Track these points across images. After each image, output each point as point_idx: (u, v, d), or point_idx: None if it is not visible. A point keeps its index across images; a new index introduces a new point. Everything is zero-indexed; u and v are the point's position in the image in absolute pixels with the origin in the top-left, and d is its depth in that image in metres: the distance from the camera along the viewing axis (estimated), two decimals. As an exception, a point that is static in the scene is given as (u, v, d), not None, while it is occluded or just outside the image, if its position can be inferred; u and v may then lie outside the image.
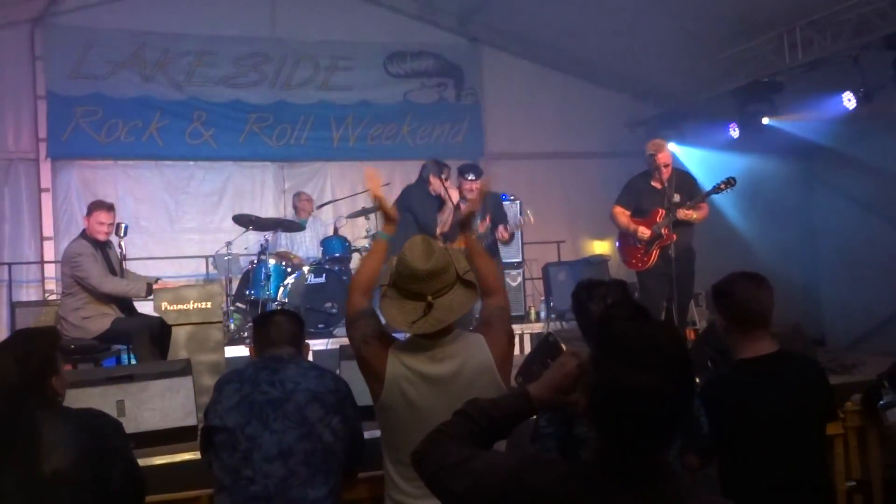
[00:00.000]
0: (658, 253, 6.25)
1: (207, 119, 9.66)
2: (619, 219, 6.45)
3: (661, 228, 6.18)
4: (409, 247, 2.62)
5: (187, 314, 5.13)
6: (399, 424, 2.57)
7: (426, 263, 2.57)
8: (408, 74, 10.48)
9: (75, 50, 9.17)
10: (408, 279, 2.58)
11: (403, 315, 2.58)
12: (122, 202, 9.23)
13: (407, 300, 2.60)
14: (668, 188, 6.26)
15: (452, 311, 2.59)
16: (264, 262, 7.67)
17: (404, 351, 2.65)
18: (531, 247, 9.36)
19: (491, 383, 2.59)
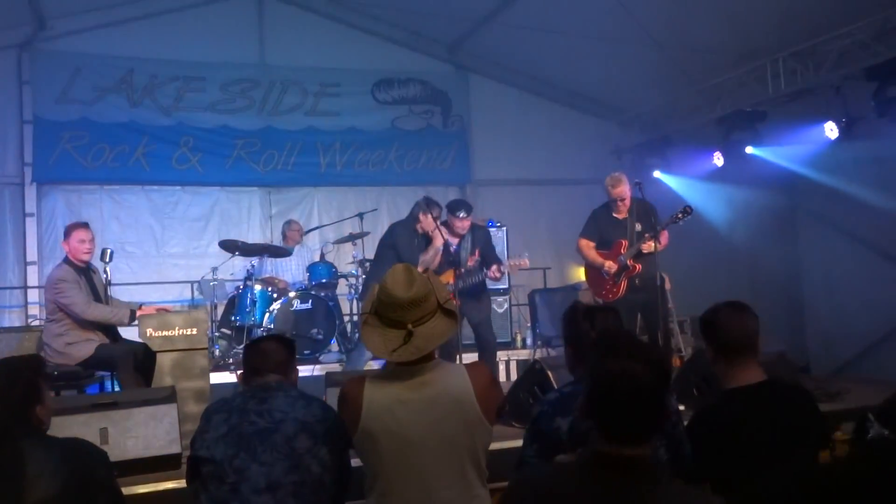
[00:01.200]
0: (626, 283, 6.38)
1: (194, 144, 9.67)
2: (585, 252, 6.65)
3: (626, 259, 6.33)
4: (391, 275, 2.65)
5: (172, 340, 5.11)
6: (379, 453, 2.57)
7: (407, 292, 2.60)
8: (395, 101, 10.54)
9: (63, 75, 9.18)
10: (389, 307, 2.61)
11: (385, 343, 2.60)
12: (107, 227, 9.24)
13: (388, 328, 2.62)
14: (630, 219, 6.41)
15: (433, 340, 2.62)
16: (250, 288, 7.65)
17: (381, 380, 2.66)
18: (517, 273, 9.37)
19: (470, 412, 2.60)
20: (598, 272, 6.54)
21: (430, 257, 6.24)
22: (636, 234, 6.35)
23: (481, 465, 2.66)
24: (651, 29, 8.16)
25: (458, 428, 2.58)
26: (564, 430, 2.70)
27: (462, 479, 2.60)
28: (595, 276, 6.64)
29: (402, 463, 2.55)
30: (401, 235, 6.43)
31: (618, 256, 6.41)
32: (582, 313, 2.92)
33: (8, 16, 8.83)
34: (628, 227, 6.42)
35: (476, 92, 10.83)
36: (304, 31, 10.09)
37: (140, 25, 9.53)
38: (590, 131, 10.92)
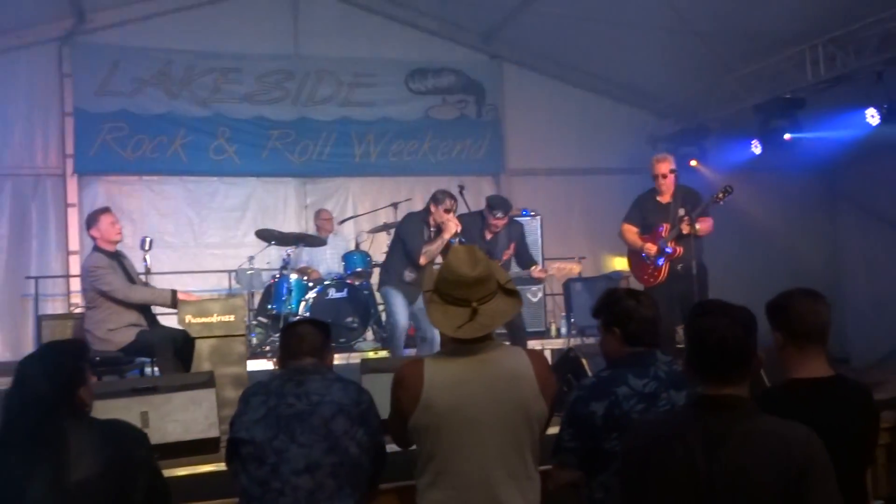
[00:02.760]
0: (668, 268, 6.29)
1: (231, 135, 9.76)
2: (627, 235, 6.58)
3: (666, 243, 6.25)
4: (454, 255, 2.68)
5: (210, 327, 5.17)
6: (438, 430, 2.57)
7: (473, 270, 2.62)
8: (429, 91, 10.54)
9: (102, 67, 9.31)
10: (453, 285, 2.62)
11: (448, 320, 2.62)
12: (146, 217, 9.39)
13: (450, 306, 2.64)
14: (674, 203, 6.32)
15: (497, 317, 2.65)
16: (286, 277, 7.71)
17: (441, 359, 2.69)
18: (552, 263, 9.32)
19: (529, 392, 2.60)
20: (640, 256, 6.48)
21: (435, 248, 6.21)
22: (678, 218, 6.27)
23: (537, 447, 2.67)
24: (687, 16, 8.07)
25: (517, 407, 2.59)
26: (600, 415, 2.69)
27: (519, 458, 2.61)
28: (636, 261, 6.58)
29: (461, 440, 2.56)
30: (408, 225, 6.48)
31: (659, 240, 6.33)
32: (625, 293, 2.92)
33: (49, 10, 8.99)
34: (671, 212, 6.33)
35: (510, 81, 10.79)
36: (338, 21, 10.12)
37: (177, 18, 9.63)
38: (625, 120, 10.84)
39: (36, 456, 2.39)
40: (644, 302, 2.85)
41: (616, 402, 2.70)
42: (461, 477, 2.56)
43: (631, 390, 2.72)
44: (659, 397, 2.72)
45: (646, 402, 2.71)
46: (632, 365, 2.80)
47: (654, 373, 2.77)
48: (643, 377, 2.75)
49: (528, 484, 2.64)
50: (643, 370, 2.77)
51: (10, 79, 9.09)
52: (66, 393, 2.54)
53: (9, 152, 9.11)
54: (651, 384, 2.74)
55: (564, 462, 2.79)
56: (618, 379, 2.76)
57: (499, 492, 2.56)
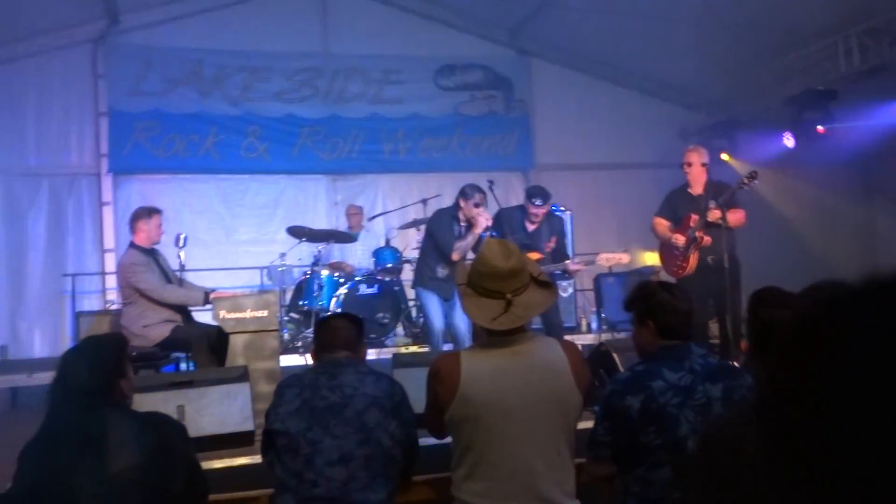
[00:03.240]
0: (697, 258, 6.24)
1: (261, 133, 9.85)
2: (657, 229, 6.56)
3: (694, 232, 6.20)
4: (488, 247, 2.72)
5: (244, 322, 5.21)
6: (476, 421, 2.59)
7: (506, 262, 2.65)
8: (458, 87, 10.56)
9: (135, 68, 9.45)
10: (487, 278, 2.65)
11: (483, 312, 2.64)
12: (179, 215, 9.48)
13: (484, 298, 2.67)
14: (705, 195, 6.29)
15: (531, 308, 2.68)
16: (317, 273, 7.77)
17: (477, 351, 2.72)
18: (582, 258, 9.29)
19: (564, 383, 2.62)
20: (670, 248, 6.46)
21: (467, 244, 6.19)
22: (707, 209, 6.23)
23: (572, 438, 2.68)
24: (717, 8, 8.00)
25: (553, 398, 2.62)
26: (636, 409, 2.69)
27: (555, 450, 2.63)
28: (667, 253, 6.56)
29: (498, 431, 2.58)
30: (438, 221, 6.47)
31: (687, 230, 6.30)
32: (658, 286, 2.91)
33: (83, 11, 9.13)
34: (702, 203, 6.30)
35: (538, 76, 10.78)
36: (367, 19, 10.17)
37: (207, 18, 9.75)
38: (655, 114, 10.77)
39: (78, 447, 2.44)
40: (678, 295, 2.85)
41: (652, 396, 2.69)
42: (498, 468, 2.58)
43: (666, 384, 2.71)
44: (695, 390, 2.72)
45: (682, 396, 2.70)
46: (666, 358, 2.79)
47: (689, 366, 2.76)
48: (678, 370, 2.75)
49: (564, 475, 2.65)
50: (678, 363, 2.76)
51: (45, 80, 9.27)
52: (106, 385, 2.59)
53: (45, 153, 9.29)
54: (686, 377, 2.73)
55: (599, 456, 2.79)
56: (653, 372, 2.75)
57: (536, 483, 2.58)
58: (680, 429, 2.67)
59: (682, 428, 2.67)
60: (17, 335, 8.90)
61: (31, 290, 9.08)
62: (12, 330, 8.92)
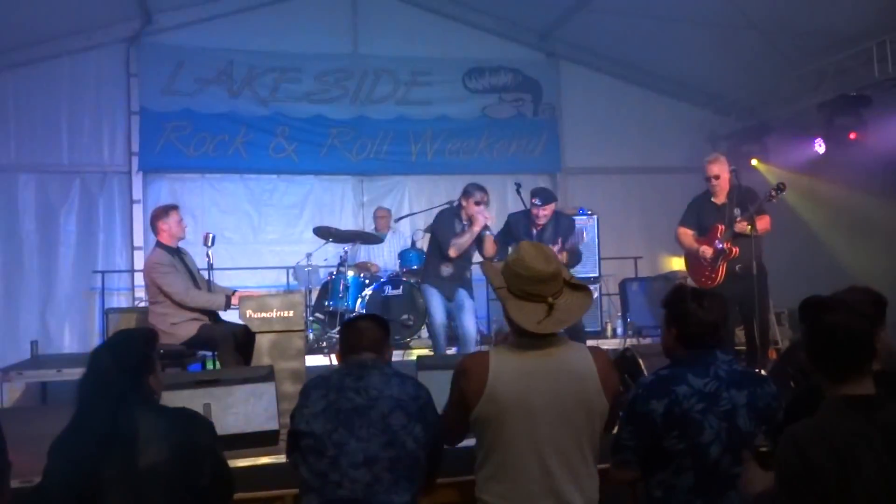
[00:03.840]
0: (725, 269, 6.21)
1: (290, 134, 9.91)
2: (682, 239, 6.54)
3: (722, 243, 6.17)
4: (526, 251, 2.72)
5: (270, 322, 5.24)
6: (501, 422, 2.60)
7: (548, 266, 2.68)
8: (486, 89, 10.56)
9: (167, 67, 9.55)
10: (528, 281, 2.67)
11: (527, 315, 2.66)
12: (207, 213, 9.60)
13: (525, 301, 2.68)
14: (729, 203, 6.24)
15: (572, 312, 2.71)
16: (343, 274, 7.81)
17: (506, 351, 2.73)
18: (608, 262, 9.29)
19: (591, 388, 2.64)
20: (696, 259, 6.42)
21: (463, 241, 6.30)
22: (734, 219, 6.19)
23: (596, 443, 2.69)
24: (749, 11, 7.93)
25: (579, 402, 2.62)
26: (659, 413, 2.69)
27: (579, 454, 2.64)
28: (694, 263, 6.53)
29: (523, 432, 2.60)
30: (440, 220, 6.59)
31: (714, 241, 6.27)
32: (690, 293, 2.90)
33: (118, 11, 9.25)
34: (727, 213, 6.26)
35: (567, 79, 10.75)
36: (396, 20, 10.20)
37: (238, 19, 9.83)
38: (684, 118, 10.72)
39: (107, 442, 2.49)
40: (706, 305, 2.83)
41: (676, 401, 2.69)
42: (522, 469, 2.59)
43: (691, 389, 2.71)
44: (720, 397, 2.71)
45: (706, 402, 2.70)
46: (691, 364, 2.79)
47: (715, 372, 2.76)
48: (703, 376, 2.74)
49: (587, 480, 2.66)
50: (703, 369, 2.76)
51: (79, 79, 9.40)
52: (135, 380, 2.64)
53: (78, 150, 9.42)
54: (711, 383, 2.73)
55: (623, 460, 2.79)
56: (678, 377, 2.75)
57: (558, 486, 2.59)
58: (703, 435, 2.67)
59: (705, 434, 2.67)
60: (47, 331, 9.02)
61: (62, 287, 9.20)
62: (43, 325, 9.05)
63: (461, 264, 6.52)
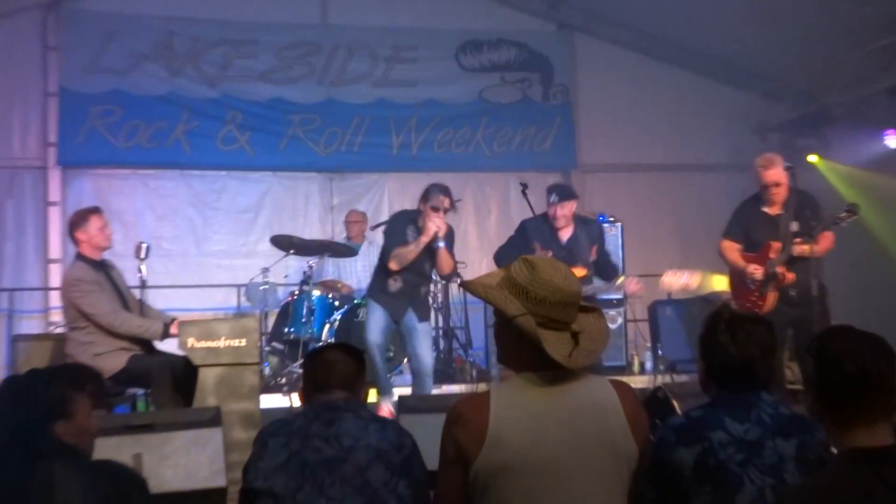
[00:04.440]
0: (776, 296, 6.19)
1: (243, 121, 9.92)
2: (727, 254, 6.52)
3: (775, 266, 6.11)
4: (544, 268, 2.64)
5: (217, 353, 5.22)
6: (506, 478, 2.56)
7: (573, 283, 2.64)
8: (484, 68, 10.59)
9: (93, 40, 9.55)
10: (554, 306, 2.61)
11: (555, 348, 2.60)
12: (140, 218, 9.58)
13: (548, 330, 2.62)
14: (785, 214, 6.22)
15: (598, 340, 2.68)
16: (307, 294, 7.77)
17: (510, 390, 2.66)
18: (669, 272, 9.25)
19: (619, 429, 2.57)
20: (743, 279, 6.40)
21: (408, 251, 6.26)
22: (791, 235, 6.17)
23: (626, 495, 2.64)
24: (807, -25, 7.99)
25: (603, 446, 2.57)
26: (689, 464, 2.66)
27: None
28: (739, 284, 6.50)
29: (538, 485, 2.54)
30: (392, 223, 6.63)
31: (766, 261, 6.25)
32: (725, 321, 2.88)
33: (32, -30, 9.25)
34: (781, 226, 6.24)
35: (584, 56, 10.81)
36: (375, -16, 10.26)
37: (181, -20, 9.86)
38: (726, 105, 10.78)
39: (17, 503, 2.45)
40: (741, 339, 2.81)
41: (710, 450, 2.67)
42: None
43: (729, 436, 2.69)
44: (763, 447, 2.69)
45: (747, 452, 2.68)
46: (730, 405, 2.77)
47: (758, 416, 2.74)
48: (744, 421, 2.72)
49: None
50: (744, 412, 2.74)
51: (-17, 52, 9.39)
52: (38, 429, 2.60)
53: (-20, 140, 9.40)
54: (754, 430, 2.71)
55: None
56: (712, 421, 2.73)
57: None
58: (742, 492, 2.64)
59: (745, 491, 2.64)
60: (-59, 361, 8.97)
61: (-41, 308, 9.15)
62: (-64, 355, 9.00)
63: (413, 280, 6.43)
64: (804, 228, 6.15)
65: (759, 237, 6.33)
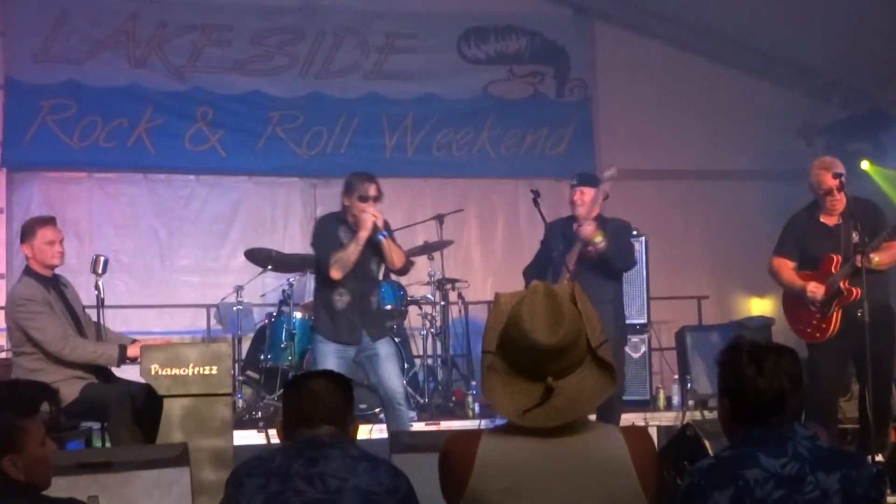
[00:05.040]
0: (840, 316, 6.21)
1: (215, 118, 9.94)
2: (782, 275, 6.52)
3: (838, 281, 6.14)
4: (529, 305, 2.62)
5: (185, 382, 5.23)
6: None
7: (552, 336, 2.56)
8: (490, 59, 10.63)
9: (44, 24, 9.56)
10: (524, 352, 2.60)
11: (512, 399, 2.60)
12: (97, 228, 9.57)
13: (518, 377, 2.62)
14: (844, 224, 6.24)
15: (580, 402, 2.60)
16: (287, 316, 7.79)
17: (504, 434, 2.66)
18: (661, 304, 9.30)
19: (625, 487, 2.59)
20: (800, 302, 6.41)
21: (349, 253, 6.16)
22: (853, 247, 6.19)
23: None
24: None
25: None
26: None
27: None
28: (795, 308, 6.49)
29: None
30: (319, 230, 6.56)
31: (827, 277, 6.27)
32: (747, 352, 2.91)
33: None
34: (842, 237, 6.27)
35: (605, 47, 10.84)
36: (366, -39, 10.29)
37: (144, -44, 9.90)
38: (766, 103, 10.79)
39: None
40: (768, 370, 2.85)
41: (746, 489, 2.69)
42: None
43: (765, 472, 2.72)
44: (804, 481, 2.72)
45: (786, 488, 2.70)
46: (761, 441, 2.80)
47: (794, 449, 2.77)
48: (780, 456, 2.75)
49: None
50: (778, 447, 2.78)
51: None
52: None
53: None
54: (792, 465, 2.74)
55: None
56: (746, 458, 2.76)
57: None
58: None
59: None
60: None
61: None
62: None
63: (360, 289, 6.34)
64: (866, 237, 6.17)
65: (817, 251, 6.34)
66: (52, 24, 9.58)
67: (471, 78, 10.57)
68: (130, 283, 9.50)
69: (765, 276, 6.88)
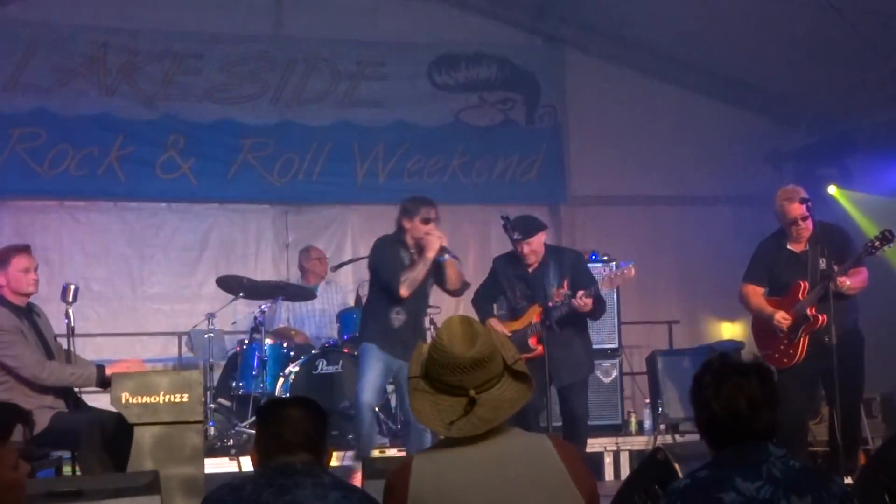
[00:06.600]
0: (807, 341, 6.27)
1: (186, 146, 9.92)
2: (750, 301, 6.60)
3: (805, 307, 6.22)
4: (447, 328, 2.79)
5: (155, 410, 5.21)
6: None
7: (468, 349, 2.72)
8: (461, 86, 10.68)
9: (14, 52, 9.53)
10: (445, 369, 2.73)
11: (439, 414, 2.73)
12: (68, 257, 9.54)
13: (443, 395, 2.75)
14: (812, 250, 6.32)
15: (501, 409, 2.74)
16: (258, 343, 7.78)
17: (434, 451, 2.81)
18: (632, 329, 9.34)
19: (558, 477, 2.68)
20: (769, 328, 6.47)
21: (418, 272, 6.40)
22: (819, 273, 6.27)
23: None
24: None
25: (540, 490, 2.66)
26: (701, 531, 2.72)
27: None
28: (764, 334, 6.56)
29: None
30: (380, 251, 6.70)
31: (795, 304, 6.33)
32: (711, 374, 2.94)
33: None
34: (810, 263, 6.35)
35: (575, 74, 10.89)
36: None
37: (116, -15, 9.91)
38: (736, 130, 10.87)
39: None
40: (724, 393, 2.87)
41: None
42: None
43: (741, 497, 2.74)
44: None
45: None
46: (737, 463, 2.83)
47: (768, 472, 2.79)
48: (755, 479, 2.77)
49: None
50: (753, 469, 2.79)
51: None
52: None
53: None
54: (766, 488, 2.75)
55: None
56: (722, 481, 2.78)
57: None
58: None
59: None
60: None
61: None
62: None
63: (416, 308, 6.60)
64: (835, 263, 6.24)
65: (785, 278, 6.43)
66: (21, 53, 9.55)
67: (441, 105, 10.61)
68: (101, 311, 9.45)
69: (735, 301, 6.96)
